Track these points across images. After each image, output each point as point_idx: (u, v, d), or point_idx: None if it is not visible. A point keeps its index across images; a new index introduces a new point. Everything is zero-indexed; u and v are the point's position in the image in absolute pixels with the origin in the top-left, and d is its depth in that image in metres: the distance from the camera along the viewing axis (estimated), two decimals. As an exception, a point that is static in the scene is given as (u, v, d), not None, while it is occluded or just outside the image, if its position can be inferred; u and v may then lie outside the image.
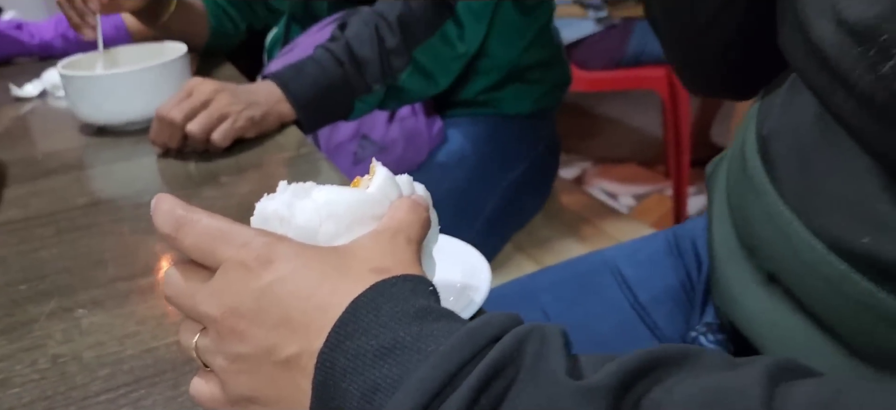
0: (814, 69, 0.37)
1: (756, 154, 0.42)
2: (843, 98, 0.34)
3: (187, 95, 0.73)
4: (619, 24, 1.99)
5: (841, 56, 0.33)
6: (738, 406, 0.24)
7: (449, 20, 0.87)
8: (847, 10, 0.32)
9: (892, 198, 0.34)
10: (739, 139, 0.45)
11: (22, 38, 1.13)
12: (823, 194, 0.37)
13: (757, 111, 0.44)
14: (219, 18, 1.08)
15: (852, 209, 0.35)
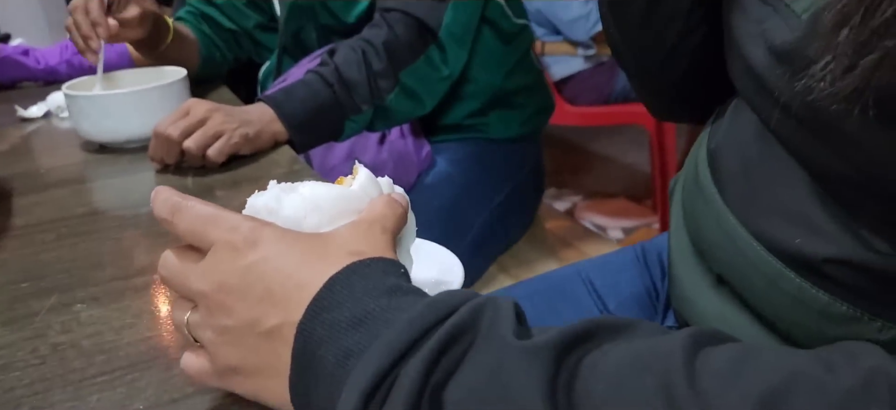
0: (751, 89, 0.41)
1: (706, 167, 0.45)
2: (773, 111, 0.38)
3: (184, 114, 0.77)
4: (607, 61, 2.05)
5: (769, 75, 0.38)
6: (662, 364, 0.27)
7: (432, 45, 0.92)
8: (772, 38, 0.37)
9: (819, 202, 0.37)
10: (693, 156, 0.49)
11: (28, 63, 1.17)
12: (762, 200, 0.41)
13: (708, 130, 0.48)
14: (208, 48, 1.13)
15: (786, 214, 0.39)
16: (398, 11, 0.91)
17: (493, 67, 1.05)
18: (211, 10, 1.14)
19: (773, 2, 0.38)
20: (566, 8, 1.98)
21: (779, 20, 0.37)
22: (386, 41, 0.89)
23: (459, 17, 0.94)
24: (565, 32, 2.02)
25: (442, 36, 0.93)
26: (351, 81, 0.87)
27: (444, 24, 0.93)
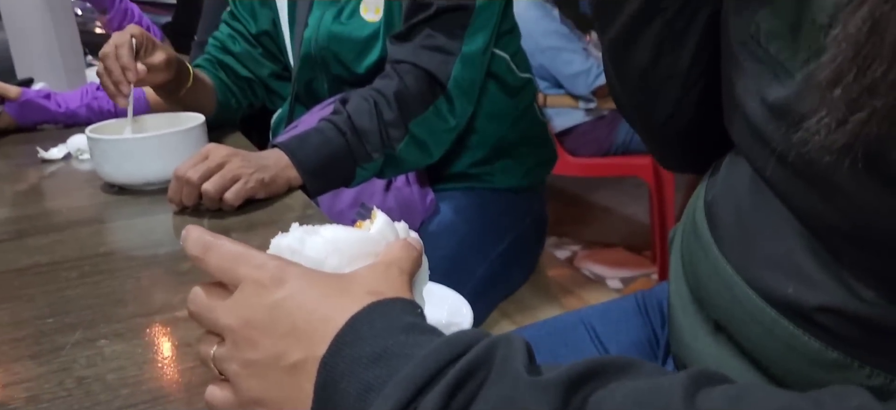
0: (748, 141, 0.44)
1: (704, 217, 0.48)
2: (768, 162, 0.41)
3: (203, 158, 0.80)
4: (607, 115, 2.10)
5: (765, 127, 0.41)
6: (663, 401, 0.30)
7: (441, 97, 0.96)
8: (768, 94, 0.40)
9: (810, 252, 0.40)
10: (692, 207, 0.52)
11: (50, 106, 1.21)
12: (757, 250, 0.43)
13: (706, 182, 0.51)
14: (224, 94, 1.17)
15: (779, 263, 0.42)
16: (409, 64, 0.95)
17: (497, 119, 1.09)
18: (228, 59, 1.18)
19: (768, 60, 0.41)
20: (568, 63, 2.04)
21: (774, 78, 0.40)
22: (397, 92, 0.93)
23: (467, 70, 0.98)
24: (567, 86, 2.08)
25: (450, 88, 0.97)
26: (363, 130, 0.90)
27: (453, 77, 0.97)
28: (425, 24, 0.96)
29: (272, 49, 1.18)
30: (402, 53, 0.97)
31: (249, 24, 1.17)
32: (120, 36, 0.93)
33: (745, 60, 0.43)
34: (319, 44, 1.06)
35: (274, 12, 1.15)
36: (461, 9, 0.97)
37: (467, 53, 0.97)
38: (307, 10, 1.09)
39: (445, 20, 0.96)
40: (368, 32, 1.03)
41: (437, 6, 0.95)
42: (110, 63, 0.92)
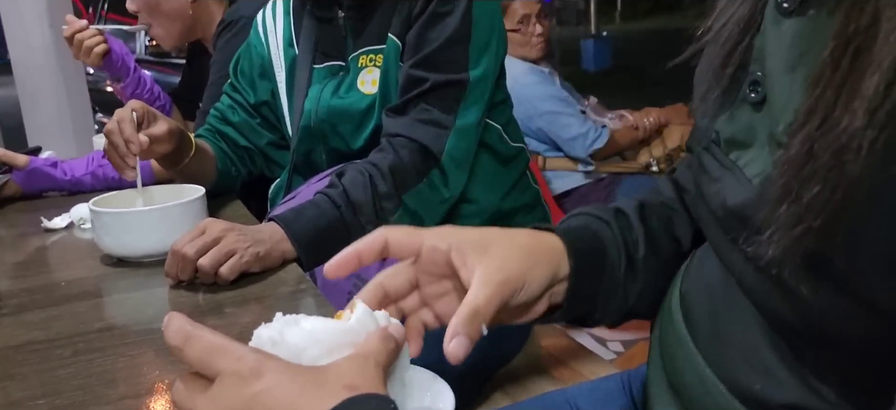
0: (715, 238, 0.46)
1: (679, 308, 0.50)
2: (733, 260, 0.43)
3: (201, 233, 0.82)
4: (606, 177, 2.13)
5: (729, 229, 0.43)
6: None
7: (434, 169, 0.99)
8: (727, 197, 0.42)
9: (776, 350, 0.41)
10: (669, 295, 0.53)
11: (56, 174, 1.25)
12: (727, 344, 0.44)
13: (682, 271, 0.53)
14: (224, 163, 1.20)
15: (748, 359, 0.43)
16: (404, 137, 0.98)
17: (491, 188, 1.11)
18: (227, 129, 1.22)
19: (729, 164, 0.43)
20: (566, 127, 2.08)
21: (734, 181, 0.42)
22: (391, 165, 0.95)
23: (460, 143, 1.01)
24: (565, 150, 2.11)
25: (444, 161, 0.99)
26: (357, 203, 0.92)
27: (447, 150, 0.99)
28: (420, 99, 0.99)
29: (271, 119, 1.21)
30: (397, 126, 0.99)
31: (249, 95, 1.21)
32: (122, 111, 0.96)
33: (709, 165, 0.45)
34: (319, 117, 1.09)
35: (273, 84, 1.19)
36: (455, 83, 1.00)
37: (461, 126, 1.00)
38: (306, 82, 1.12)
39: (440, 94, 0.99)
40: (365, 105, 1.06)
41: (433, 81, 0.99)
42: (115, 138, 0.95)
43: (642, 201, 0.57)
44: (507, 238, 0.49)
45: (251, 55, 1.20)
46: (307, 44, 1.13)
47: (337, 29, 1.10)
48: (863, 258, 0.32)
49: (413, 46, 1.01)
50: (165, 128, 1.01)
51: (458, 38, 0.99)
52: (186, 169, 1.11)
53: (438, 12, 1.00)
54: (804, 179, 0.32)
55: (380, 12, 1.06)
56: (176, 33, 1.48)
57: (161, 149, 1.02)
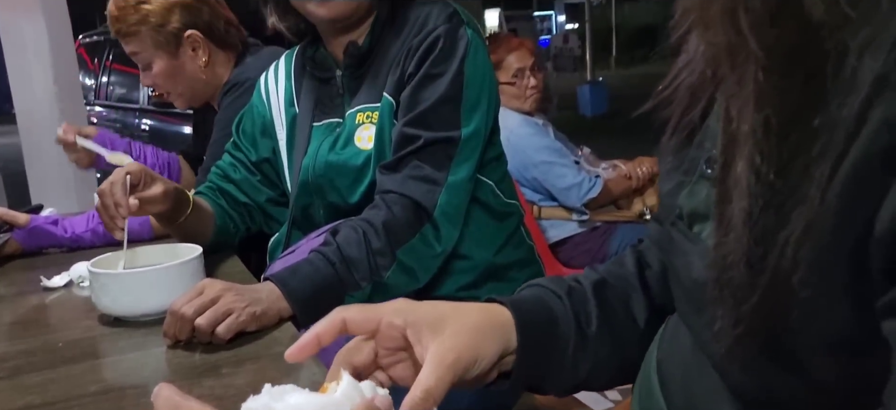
0: (683, 308, 0.48)
1: (655, 374, 0.51)
2: (700, 330, 0.45)
3: (199, 293, 0.84)
4: (600, 226, 2.15)
5: (695, 301, 0.44)
6: None
7: (427, 224, 1.01)
8: (691, 271, 0.44)
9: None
10: (647, 361, 0.55)
11: (56, 232, 1.27)
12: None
13: (659, 335, 0.54)
14: (223, 219, 1.22)
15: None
16: (396, 193, 1.01)
17: (484, 244, 1.13)
18: (228, 186, 1.24)
19: (693, 238, 0.45)
20: (561, 177, 2.11)
21: (698, 255, 0.44)
22: (385, 221, 0.98)
23: (452, 198, 1.03)
24: (560, 199, 2.14)
25: (436, 216, 1.01)
26: (352, 260, 0.94)
27: (439, 205, 1.02)
28: (413, 156, 1.02)
29: (271, 176, 1.24)
30: (390, 183, 1.02)
31: (250, 153, 1.24)
32: (116, 173, 0.99)
33: (677, 238, 0.47)
34: (317, 172, 1.12)
35: (274, 142, 1.22)
36: (447, 141, 1.03)
37: (453, 182, 1.03)
38: (306, 139, 1.16)
39: (432, 151, 1.02)
40: (362, 160, 1.09)
41: (425, 138, 1.02)
42: (106, 200, 0.98)
43: (602, 276, 0.60)
44: (460, 316, 0.51)
45: (253, 115, 1.24)
46: (307, 103, 1.18)
47: (335, 87, 1.15)
48: (802, 340, 0.34)
49: (407, 105, 1.04)
50: (160, 189, 1.03)
51: (450, 97, 1.03)
52: (183, 226, 1.13)
53: (431, 74, 1.03)
54: (728, 266, 0.34)
55: (374, 71, 1.10)
56: (190, 97, 1.52)
57: (156, 208, 1.05)
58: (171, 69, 1.45)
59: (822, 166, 0.32)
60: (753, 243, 0.34)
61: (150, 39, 1.41)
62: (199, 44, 1.44)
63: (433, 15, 1.06)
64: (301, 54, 1.21)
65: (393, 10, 1.10)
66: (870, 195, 0.31)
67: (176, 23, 1.40)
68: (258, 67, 1.36)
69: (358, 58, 1.10)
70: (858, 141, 0.31)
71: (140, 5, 1.39)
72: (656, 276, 0.57)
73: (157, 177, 1.04)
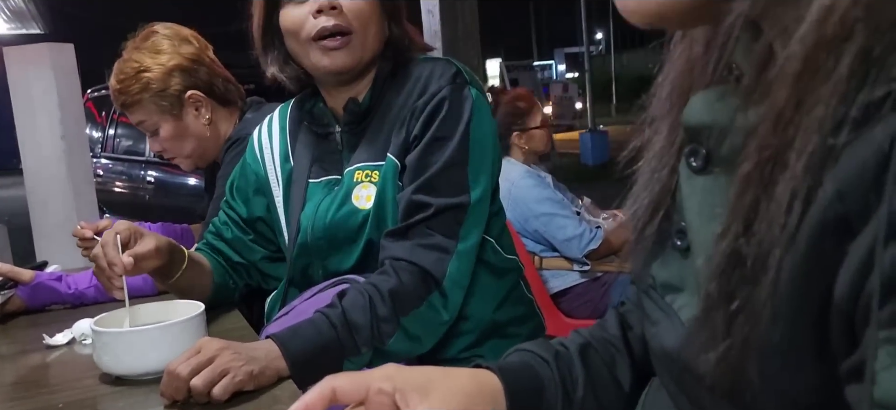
0: (659, 371, 0.49)
1: None
2: (678, 397, 0.45)
3: (196, 353, 0.84)
4: (601, 276, 2.15)
5: (669, 367, 0.46)
6: None
7: (435, 292, 1.01)
8: (663, 340, 0.45)
9: None
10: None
11: (60, 288, 1.28)
12: None
13: (642, 400, 0.55)
14: (221, 276, 1.22)
15: None
16: (405, 261, 1.00)
17: (485, 302, 1.13)
18: (221, 245, 1.24)
19: (665, 307, 0.46)
20: (561, 228, 2.12)
21: (669, 325, 0.45)
22: (391, 289, 0.97)
23: (462, 265, 1.03)
24: (561, 250, 2.15)
25: (445, 284, 1.01)
26: (355, 324, 0.94)
27: (448, 273, 1.01)
28: (423, 223, 1.02)
29: (266, 233, 1.23)
30: (399, 250, 1.01)
31: (243, 212, 1.23)
32: (106, 235, 1.00)
33: (649, 307, 0.48)
34: (315, 234, 1.11)
35: (268, 198, 1.21)
36: (456, 207, 1.03)
37: (462, 249, 1.03)
38: (302, 196, 1.15)
39: (442, 219, 1.02)
40: (360, 220, 1.08)
41: (436, 206, 1.01)
42: (100, 262, 0.99)
43: (587, 339, 0.60)
44: (449, 381, 0.52)
45: (246, 172, 1.23)
46: (303, 158, 1.17)
47: (333, 143, 1.15)
48: (766, 395, 0.36)
49: (414, 170, 1.04)
50: (152, 244, 1.03)
51: (458, 161, 1.03)
52: (179, 282, 1.13)
53: (438, 137, 1.04)
54: (700, 336, 0.36)
55: (375, 128, 1.11)
56: (199, 156, 1.55)
57: (150, 265, 1.05)
58: (177, 131, 1.48)
59: (779, 241, 0.34)
60: (723, 317, 0.36)
61: (153, 106, 1.45)
62: (202, 102, 1.48)
63: (436, 75, 1.07)
64: (298, 108, 1.20)
65: (395, 67, 1.12)
66: (827, 264, 0.32)
67: (176, 86, 1.44)
68: (259, 122, 1.39)
69: (358, 114, 1.11)
70: (811, 213, 0.33)
71: (140, 74, 1.42)
72: (639, 338, 0.58)
73: (148, 233, 1.05)
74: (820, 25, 0.33)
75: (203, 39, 1.52)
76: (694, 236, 0.43)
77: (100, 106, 5.59)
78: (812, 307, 0.34)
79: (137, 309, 1.02)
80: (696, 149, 0.43)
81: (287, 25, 1.07)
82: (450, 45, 2.93)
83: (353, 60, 1.06)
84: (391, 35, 1.11)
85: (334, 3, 1.03)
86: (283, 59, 1.12)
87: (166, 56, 1.44)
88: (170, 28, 1.49)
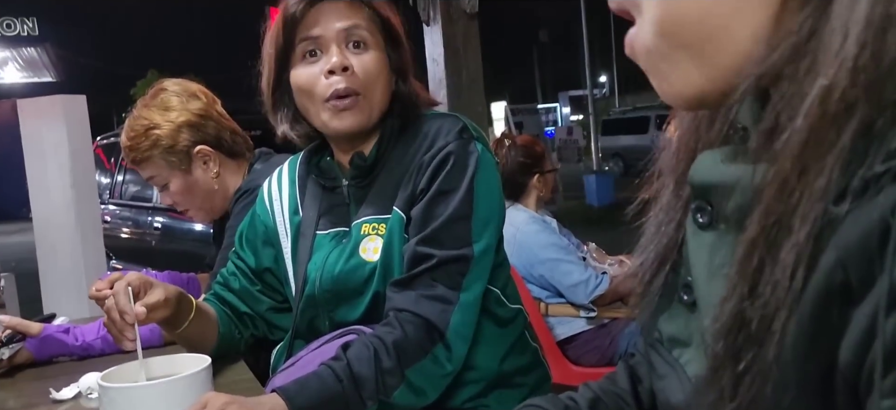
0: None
1: None
2: None
3: (202, 408, 0.84)
4: (608, 323, 2.14)
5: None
6: None
7: (439, 344, 1.01)
8: (669, 395, 0.45)
9: None
10: None
11: (67, 340, 1.28)
12: None
13: None
14: (227, 327, 1.22)
15: None
16: (409, 312, 1.01)
17: (491, 352, 1.12)
18: (229, 295, 1.24)
19: (672, 362, 0.47)
20: (567, 274, 2.12)
21: (676, 380, 0.46)
22: (396, 341, 0.98)
23: (465, 317, 1.03)
24: (567, 296, 2.14)
25: (449, 336, 1.01)
26: (360, 377, 0.94)
27: (452, 325, 1.01)
28: (426, 274, 1.02)
29: (274, 283, 1.23)
30: (403, 301, 1.02)
31: (250, 260, 1.24)
32: (118, 284, 1.01)
33: (656, 361, 0.49)
34: (323, 287, 1.12)
35: (277, 250, 1.22)
36: (460, 259, 1.03)
37: (465, 301, 1.03)
38: (309, 248, 1.16)
39: (445, 271, 1.03)
40: (367, 273, 1.09)
41: (438, 258, 1.02)
42: (113, 314, 0.99)
43: (597, 394, 0.60)
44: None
45: (256, 223, 1.24)
46: (311, 211, 1.18)
47: (341, 196, 1.16)
48: None
49: (419, 222, 1.05)
50: (162, 295, 1.04)
51: (462, 214, 1.04)
52: (186, 332, 1.13)
53: (443, 190, 1.05)
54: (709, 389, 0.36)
55: (381, 182, 1.12)
56: (210, 209, 1.57)
57: (159, 315, 1.05)
58: (187, 186, 1.50)
59: (784, 304, 0.34)
60: (730, 378, 0.36)
61: (163, 162, 1.47)
62: (210, 157, 1.50)
63: (443, 130, 1.09)
64: (306, 161, 1.22)
65: (403, 123, 1.13)
66: (832, 329, 0.33)
67: (185, 141, 1.46)
68: (268, 173, 1.40)
69: (364, 169, 1.13)
70: (815, 278, 0.34)
71: (149, 131, 1.45)
72: (648, 392, 0.58)
73: (157, 283, 1.06)
74: (822, 102, 0.34)
75: (211, 94, 1.56)
76: (700, 291, 0.44)
77: (109, 153, 5.66)
78: (818, 372, 0.34)
79: (146, 363, 1.02)
80: (703, 206, 0.44)
81: (299, 84, 1.09)
82: (455, 93, 2.97)
83: (362, 120, 1.08)
84: (398, 91, 1.13)
85: (346, 65, 1.06)
86: (293, 117, 1.14)
87: (175, 113, 1.47)
88: (179, 84, 1.52)
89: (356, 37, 1.07)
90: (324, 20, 1.07)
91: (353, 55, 1.07)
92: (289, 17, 1.07)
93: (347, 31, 1.07)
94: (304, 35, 1.07)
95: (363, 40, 1.08)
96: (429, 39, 3.08)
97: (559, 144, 11.42)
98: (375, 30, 1.09)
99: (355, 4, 1.08)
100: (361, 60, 1.07)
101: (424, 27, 3.07)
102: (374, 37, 1.09)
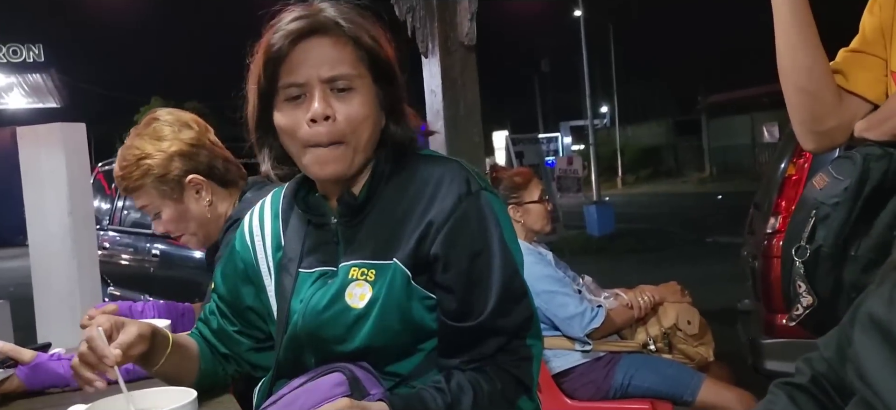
0: None
1: None
2: None
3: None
4: (604, 356, 2.13)
5: None
6: None
7: (523, 397, 1.06)
8: None
9: None
10: None
11: (59, 370, 1.27)
12: None
13: None
14: (208, 362, 1.18)
15: None
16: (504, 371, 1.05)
17: None
18: (208, 333, 1.21)
19: None
20: (563, 307, 2.11)
21: None
22: (491, 392, 1.02)
23: (538, 364, 1.08)
24: (562, 329, 2.13)
25: (534, 390, 1.08)
26: None
27: (534, 379, 1.08)
28: (504, 352, 1.05)
29: (255, 322, 1.19)
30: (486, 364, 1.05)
31: (228, 299, 1.19)
32: (89, 331, 0.99)
33: None
34: (307, 327, 1.08)
35: (258, 286, 1.17)
36: (529, 318, 1.07)
37: (537, 353, 1.09)
38: (292, 286, 1.11)
39: (519, 334, 1.06)
40: (351, 319, 1.04)
41: (513, 327, 1.04)
42: (89, 359, 0.98)
43: None
44: None
45: (235, 261, 1.19)
46: (294, 245, 1.12)
47: (329, 234, 1.10)
48: None
49: (465, 292, 1.03)
50: (135, 331, 1.02)
51: (511, 271, 1.04)
52: (163, 368, 1.11)
53: (477, 251, 1.02)
54: None
55: (373, 222, 1.07)
56: (204, 236, 1.57)
57: (135, 351, 1.03)
58: (179, 214, 1.51)
59: None
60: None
61: (155, 191, 1.48)
62: (202, 186, 1.51)
63: (446, 182, 1.04)
64: (292, 194, 1.15)
65: (395, 165, 1.09)
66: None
67: (177, 170, 1.47)
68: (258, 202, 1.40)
69: (354, 208, 1.08)
70: None
71: (141, 161, 1.46)
72: None
73: (129, 320, 1.04)
74: None
75: (203, 123, 1.57)
76: None
77: (110, 179, 5.66)
78: None
79: (131, 396, 1.02)
80: None
81: (282, 126, 1.05)
82: (451, 124, 3.00)
83: (345, 167, 1.04)
84: (389, 130, 1.08)
85: (328, 114, 1.01)
86: (276, 156, 1.11)
87: (167, 142, 1.47)
88: (172, 114, 1.54)
89: (341, 84, 1.02)
90: (308, 61, 1.02)
91: (338, 101, 1.02)
92: (272, 56, 1.02)
93: (331, 79, 1.02)
94: (287, 80, 1.02)
95: (348, 85, 1.03)
96: (427, 71, 3.11)
97: (559, 173, 11.44)
98: (363, 68, 1.04)
99: (342, 40, 1.02)
100: (346, 107, 1.02)
101: (423, 59, 3.10)
102: (362, 77, 1.04)
